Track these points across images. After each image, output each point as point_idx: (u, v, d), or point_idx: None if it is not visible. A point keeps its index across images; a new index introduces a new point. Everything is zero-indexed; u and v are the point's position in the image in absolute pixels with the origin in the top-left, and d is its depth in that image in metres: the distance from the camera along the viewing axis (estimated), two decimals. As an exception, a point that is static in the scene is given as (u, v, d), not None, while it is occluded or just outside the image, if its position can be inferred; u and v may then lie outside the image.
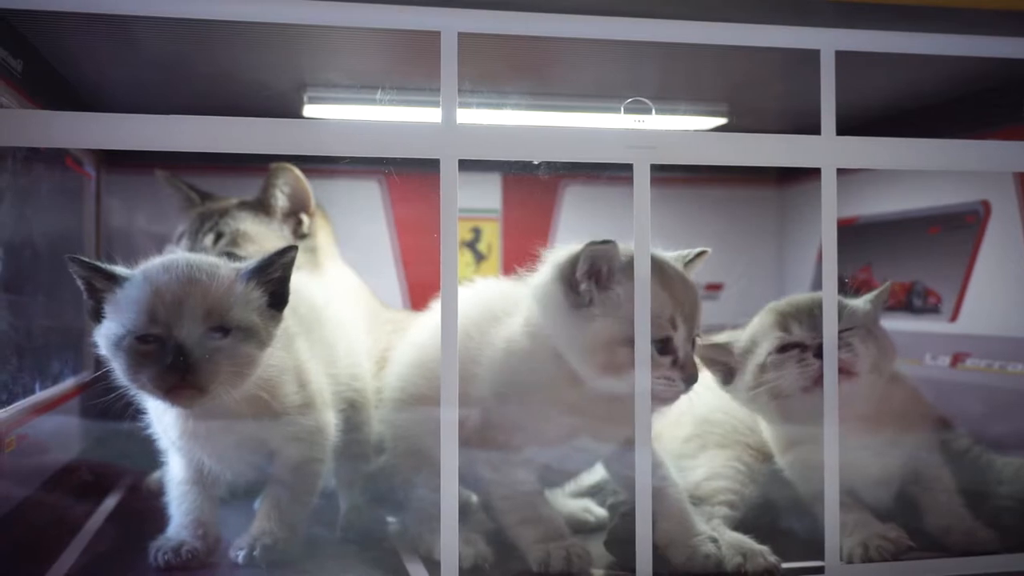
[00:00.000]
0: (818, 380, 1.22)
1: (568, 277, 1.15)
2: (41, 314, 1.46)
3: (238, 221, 1.61)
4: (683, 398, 1.21)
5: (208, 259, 1.16)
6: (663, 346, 1.14)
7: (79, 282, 1.11)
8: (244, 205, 1.64)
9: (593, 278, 1.14)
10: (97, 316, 1.11)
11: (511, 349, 1.20)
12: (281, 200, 1.64)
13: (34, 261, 1.39)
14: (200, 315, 1.08)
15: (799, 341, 1.28)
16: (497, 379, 1.19)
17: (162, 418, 1.19)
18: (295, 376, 1.21)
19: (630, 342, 1.11)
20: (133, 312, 1.07)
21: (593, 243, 1.11)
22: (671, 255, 1.22)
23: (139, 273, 1.11)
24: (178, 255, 1.15)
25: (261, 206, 1.64)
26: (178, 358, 1.05)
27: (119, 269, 1.11)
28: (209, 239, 1.58)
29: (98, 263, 1.10)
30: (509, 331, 1.21)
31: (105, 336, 1.09)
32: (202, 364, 1.06)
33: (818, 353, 1.24)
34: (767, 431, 1.39)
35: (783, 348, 1.29)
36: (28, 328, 1.37)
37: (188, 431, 1.16)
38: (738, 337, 1.35)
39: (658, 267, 1.15)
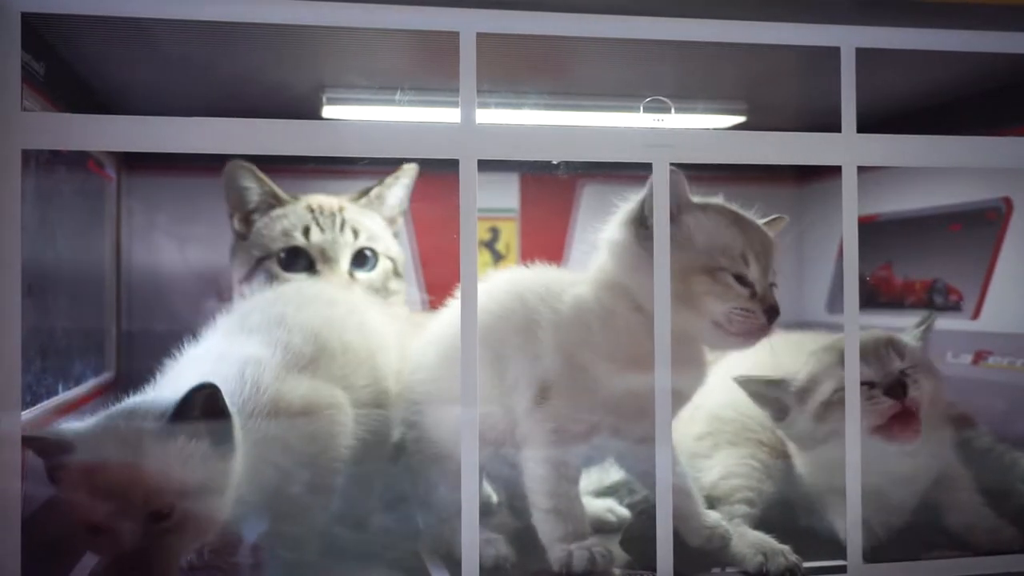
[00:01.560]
0: (891, 420, 1.22)
1: (638, 216, 1.17)
2: (63, 316, 1.47)
3: (363, 216, 1.58)
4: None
5: (130, 434, 1.03)
6: (739, 279, 1.16)
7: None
8: (358, 201, 1.61)
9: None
10: None
11: (583, 307, 1.20)
12: (396, 199, 1.63)
13: (56, 263, 1.41)
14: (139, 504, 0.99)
15: (867, 380, 1.24)
16: (567, 339, 1.19)
17: None
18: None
19: (705, 270, 1.14)
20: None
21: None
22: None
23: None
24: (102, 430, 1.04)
25: (376, 202, 1.62)
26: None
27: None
28: (348, 235, 1.54)
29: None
30: (579, 293, 1.22)
31: None
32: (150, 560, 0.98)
33: (888, 391, 1.23)
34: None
35: None
36: (51, 330, 1.38)
37: None
38: (792, 374, 1.32)
39: (728, 210, 1.19)
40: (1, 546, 0.98)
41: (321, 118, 1.49)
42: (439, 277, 1.87)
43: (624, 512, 1.39)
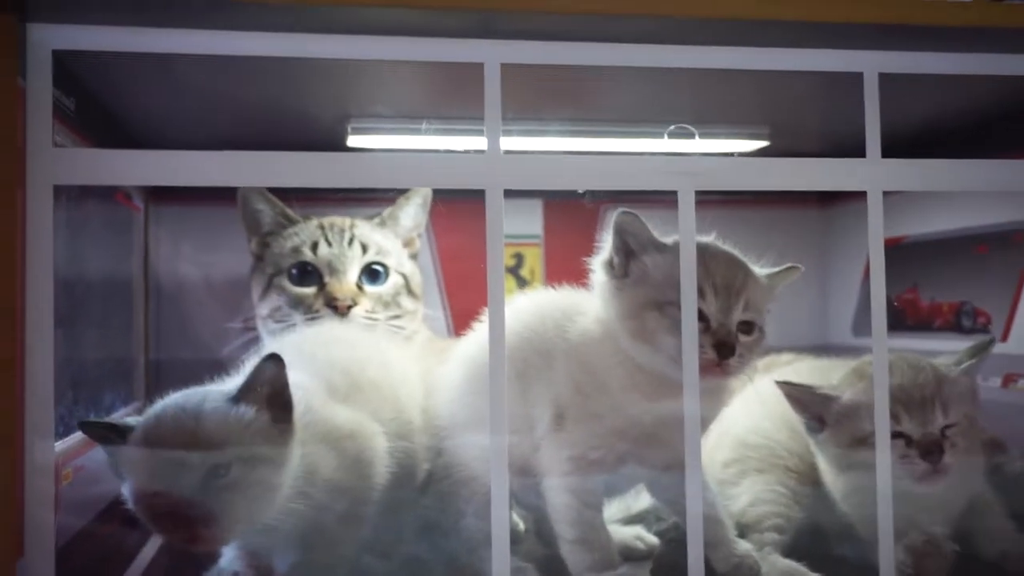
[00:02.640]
0: (921, 480, 1.21)
1: (608, 259, 1.22)
2: (94, 347, 1.49)
3: (373, 233, 1.60)
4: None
5: (193, 398, 1.10)
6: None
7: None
8: (369, 219, 1.63)
9: (623, 250, 1.20)
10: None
11: (584, 340, 1.23)
12: (410, 219, 1.64)
13: (87, 295, 1.42)
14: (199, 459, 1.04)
15: (905, 433, 1.23)
16: (574, 368, 1.22)
17: None
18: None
19: (655, 305, 1.16)
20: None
21: (618, 213, 1.17)
22: (759, 271, 1.24)
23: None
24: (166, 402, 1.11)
25: (389, 221, 1.63)
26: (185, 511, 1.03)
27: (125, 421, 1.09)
28: (356, 249, 1.55)
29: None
30: (584, 323, 1.25)
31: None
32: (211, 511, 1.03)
33: (924, 455, 1.21)
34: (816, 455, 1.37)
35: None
36: (82, 361, 1.39)
37: None
38: (839, 390, 1.30)
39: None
40: (36, 577, 0.99)
41: (346, 148, 1.51)
42: (464, 303, 1.87)
43: (653, 539, 1.38)
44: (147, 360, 1.83)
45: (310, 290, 1.53)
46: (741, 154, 1.52)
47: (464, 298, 1.89)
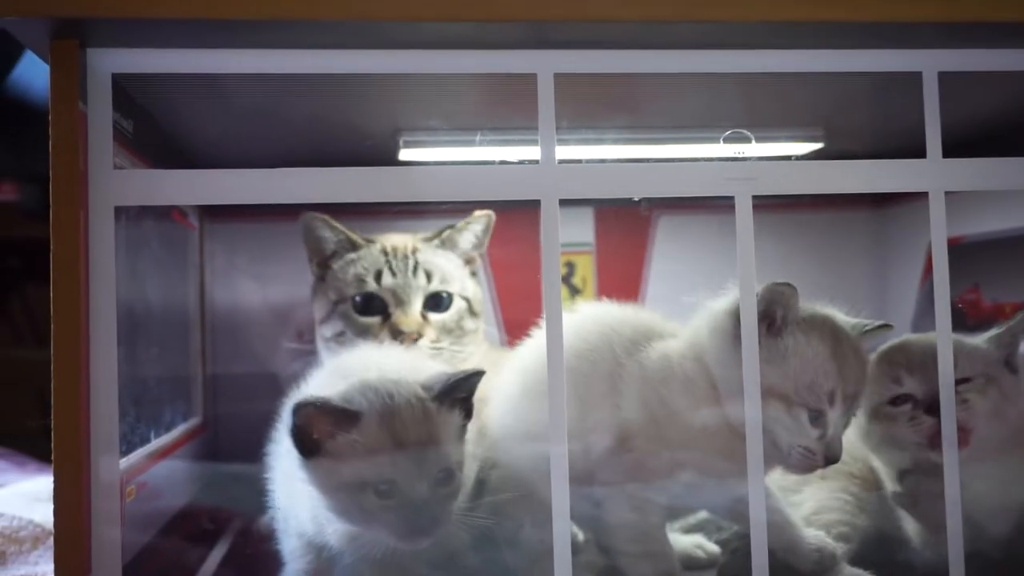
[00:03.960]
0: (932, 438, 1.18)
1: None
2: (154, 364, 1.50)
3: (436, 257, 1.58)
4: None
5: (409, 388, 1.12)
6: (816, 418, 1.12)
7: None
8: (430, 241, 1.61)
9: (766, 320, 1.12)
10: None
11: (670, 368, 1.19)
12: (472, 241, 1.62)
13: (146, 313, 1.44)
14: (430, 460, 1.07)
15: (910, 394, 1.22)
16: (649, 396, 1.18)
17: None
18: None
19: (783, 398, 1.10)
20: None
21: (773, 284, 1.10)
22: (850, 321, 1.19)
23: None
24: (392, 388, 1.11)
25: (448, 243, 1.62)
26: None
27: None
28: (421, 278, 1.54)
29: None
30: (666, 351, 1.20)
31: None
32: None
33: (929, 410, 1.19)
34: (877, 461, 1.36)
35: (894, 401, 1.24)
36: (143, 378, 1.41)
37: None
38: None
39: (833, 333, 1.15)
40: (103, 595, 1.00)
41: (398, 161, 1.51)
42: (517, 314, 1.87)
43: (713, 548, 1.37)
44: (204, 376, 1.85)
45: (375, 320, 1.52)
46: (798, 157, 1.50)
47: (517, 308, 1.88)
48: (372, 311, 1.53)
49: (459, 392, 1.11)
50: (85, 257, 1.00)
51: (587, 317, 1.28)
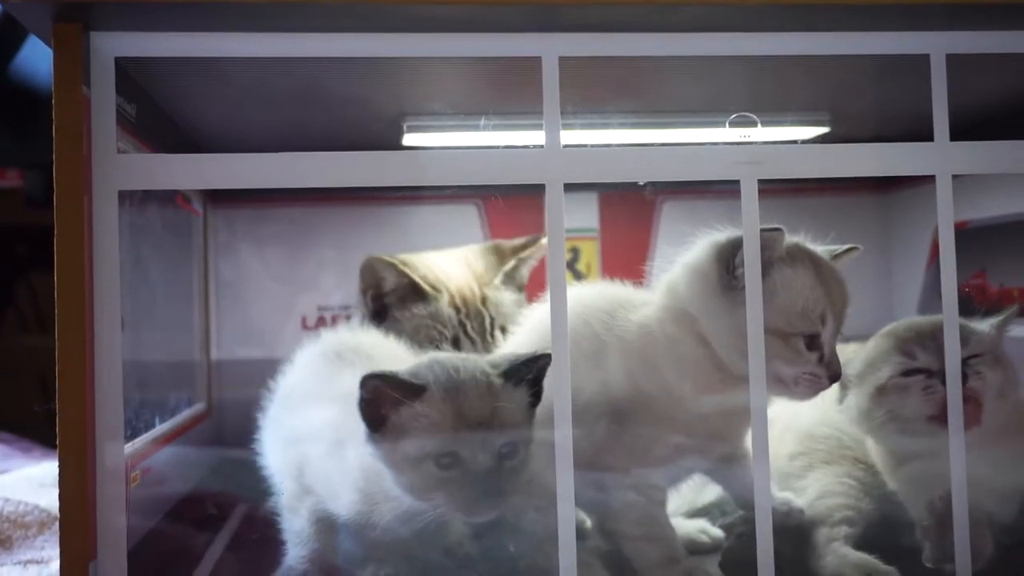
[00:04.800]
0: (945, 408, 1.19)
1: (727, 258, 1.14)
2: (158, 349, 1.50)
3: (504, 303, 1.54)
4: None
5: (475, 364, 1.12)
6: (811, 342, 1.14)
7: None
8: (494, 283, 1.57)
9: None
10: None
11: (650, 334, 1.19)
12: (528, 270, 1.60)
13: (150, 298, 1.44)
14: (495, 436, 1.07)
15: (924, 367, 1.23)
16: (634, 367, 1.18)
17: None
18: None
19: (778, 333, 1.11)
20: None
21: (763, 231, 1.10)
22: (820, 249, 1.21)
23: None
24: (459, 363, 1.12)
25: (509, 279, 1.58)
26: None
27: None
28: (499, 337, 1.49)
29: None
30: (644, 319, 1.20)
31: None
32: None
33: (945, 380, 1.20)
34: (874, 449, 1.35)
35: (907, 373, 1.25)
36: (147, 364, 1.41)
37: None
38: (851, 358, 1.30)
39: (813, 261, 1.16)
40: (109, 580, 1.00)
41: (401, 146, 1.51)
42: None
43: (718, 533, 1.37)
44: (208, 362, 1.86)
45: None
46: (803, 141, 1.49)
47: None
48: None
49: (526, 372, 1.11)
50: (89, 242, 1.00)
51: (587, 289, 1.28)
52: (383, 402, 1.07)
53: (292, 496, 1.22)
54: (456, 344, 1.49)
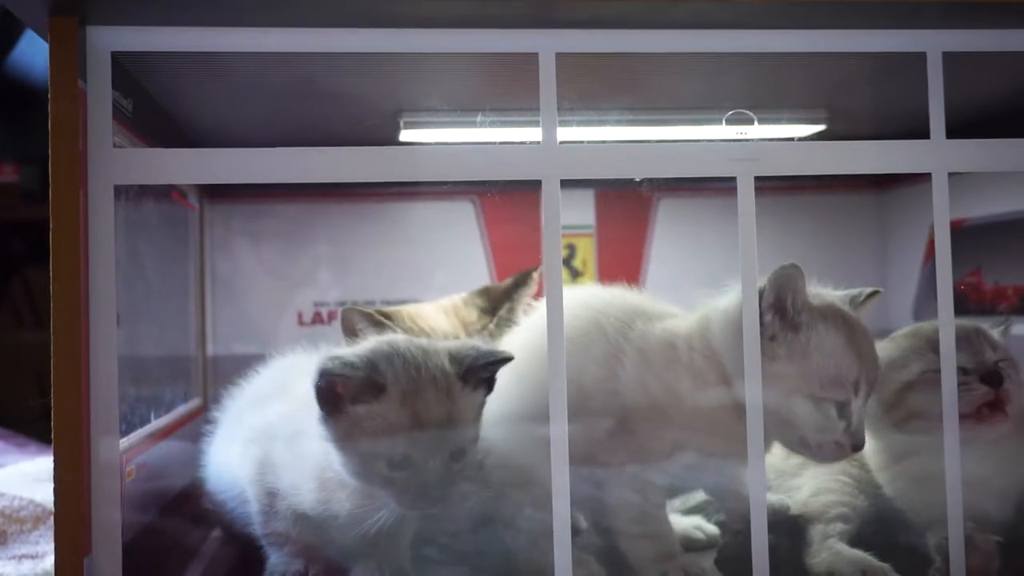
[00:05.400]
0: (981, 408, 1.20)
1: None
2: (153, 344, 1.50)
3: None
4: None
5: (437, 359, 1.12)
6: (841, 409, 1.11)
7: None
8: (491, 327, 1.55)
9: (778, 311, 1.11)
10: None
11: (676, 356, 1.17)
12: (522, 312, 1.55)
13: (146, 293, 1.44)
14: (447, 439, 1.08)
15: (961, 366, 1.20)
16: (650, 378, 1.17)
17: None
18: None
19: (810, 397, 1.10)
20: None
21: (780, 268, 1.09)
22: (838, 295, 1.19)
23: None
24: (420, 359, 1.11)
25: (504, 323, 1.54)
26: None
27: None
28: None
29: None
30: (670, 338, 1.19)
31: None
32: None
33: (983, 379, 1.20)
34: (869, 447, 1.35)
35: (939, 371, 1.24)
36: (143, 359, 1.41)
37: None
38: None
39: (845, 320, 1.14)
40: (103, 574, 1.00)
41: (398, 142, 1.51)
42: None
43: (713, 529, 1.37)
44: (204, 357, 1.85)
45: None
46: (800, 139, 1.49)
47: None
48: None
49: (485, 373, 1.12)
50: (85, 236, 0.99)
51: (574, 300, 1.27)
52: (340, 390, 1.07)
53: (261, 500, 1.21)
54: None
